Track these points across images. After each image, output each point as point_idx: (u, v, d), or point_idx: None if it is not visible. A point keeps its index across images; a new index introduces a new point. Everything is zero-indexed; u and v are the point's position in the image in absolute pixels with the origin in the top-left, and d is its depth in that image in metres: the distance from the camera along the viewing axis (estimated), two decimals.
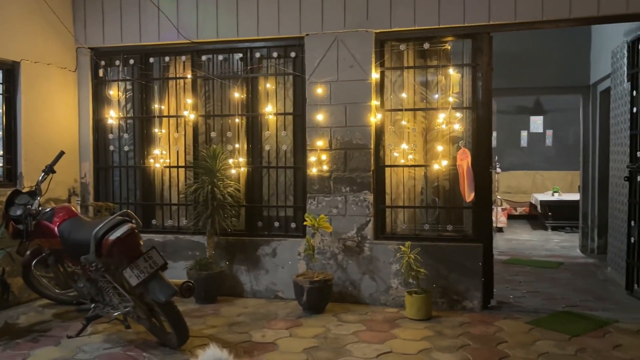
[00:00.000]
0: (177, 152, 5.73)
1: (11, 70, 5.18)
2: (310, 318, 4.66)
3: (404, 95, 5.22)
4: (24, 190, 4.61)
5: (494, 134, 10.24)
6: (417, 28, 4.97)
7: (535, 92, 10.23)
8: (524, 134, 12.74)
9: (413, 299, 4.63)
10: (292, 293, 4.97)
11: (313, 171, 5.21)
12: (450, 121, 5.11)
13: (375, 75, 5.09)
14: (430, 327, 4.41)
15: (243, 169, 5.53)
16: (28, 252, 4.54)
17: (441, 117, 5.13)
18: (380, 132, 5.17)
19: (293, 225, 5.43)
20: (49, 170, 4.54)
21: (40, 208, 4.36)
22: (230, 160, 5.45)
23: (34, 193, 4.47)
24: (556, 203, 10.57)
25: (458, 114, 5.13)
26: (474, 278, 4.88)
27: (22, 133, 5.22)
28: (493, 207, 5.17)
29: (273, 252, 5.35)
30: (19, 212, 4.34)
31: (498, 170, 11.31)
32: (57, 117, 5.62)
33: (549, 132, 12.59)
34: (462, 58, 5.11)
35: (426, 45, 5.05)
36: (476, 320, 4.58)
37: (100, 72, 5.87)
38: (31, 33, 5.29)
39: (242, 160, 5.53)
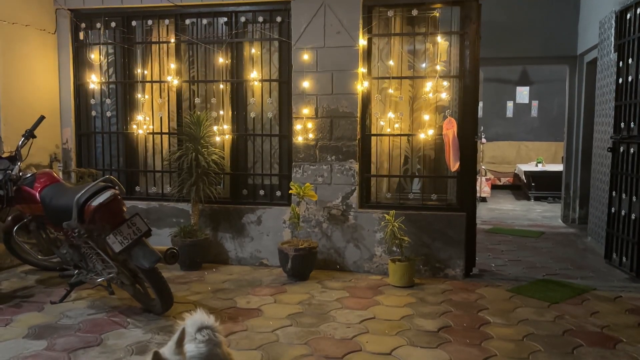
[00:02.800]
0: (161, 118, 5.65)
1: None
2: (295, 285, 4.70)
3: (391, 63, 5.17)
4: (4, 156, 4.51)
5: (480, 104, 10.25)
6: None
7: (522, 62, 10.20)
8: (509, 104, 12.77)
9: (396, 267, 4.68)
10: (277, 260, 5.00)
11: (299, 139, 5.17)
12: (437, 90, 5.08)
13: (362, 42, 5.02)
14: (413, 294, 4.47)
15: (228, 136, 5.47)
16: (9, 218, 4.48)
17: (428, 85, 5.10)
18: (366, 101, 5.14)
19: (278, 193, 5.42)
20: (29, 135, 4.45)
21: (20, 173, 4.28)
22: (215, 127, 5.39)
23: (14, 158, 4.38)
24: (540, 174, 10.68)
25: (445, 83, 5.11)
26: (456, 247, 4.94)
27: (1, 97, 5.09)
28: (477, 177, 5.20)
29: (258, 220, 5.35)
30: None
31: (483, 140, 11.39)
32: (37, 80, 5.48)
33: (535, 103, 12.63)
34: (451, 26, 5.05)
35: (414, 12, 4.98)
36: (458, 288, 4.65)
37: (81, 35, 5.72)
38: None
39: (226, 127, 5.46)
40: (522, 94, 12.66)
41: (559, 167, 9.50)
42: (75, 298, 4.23)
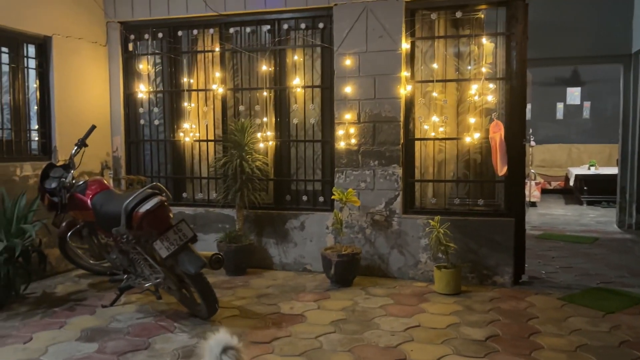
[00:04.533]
0: (206, 125, 5.75)
1: (43, 45, 5.25)
2: (338, 291, 4.68)
3: (435, 66, 5.09)
4: (58, 164, 4.70)
5: (529, 106, 9.97)
6: None
7: (573, 62, 9.85)
8: (559, 105, 12.36)
9: (442, 274, 4.59)
10: (320, 266, 4.99)
11: (341, 145, 5.16)
12: (483, 92, 4.97)
13: (405, 45, 4.97)
14: (460, 301, 4.37)
15: (271, 143, 5.52)
16: (63, 224, 4.65)
17: (474, 88, 4.99)
18: (410, 105, 5.07)
19: (321, 199, 5.42)
20: (82, 144, 4.62)
21: (73, 181, 4.45)
22: (259, 134, 5.45)
23: (67, 166, 4.56)
24: (592, 177, 10.28)
25: (491, 85, 4.98)
26: (505, 253, 4.80)
27: (56, 107, 5.31)
28: (526, 181, 5.04)
29: (301, 226, 5.36)
30: (53, 185, 4.45)
31: (532, 143, 11.07)
32: (89, 91, 5.69)
33: (587, 104, 12.18)
34: (496, 27, 4.93)
35: (458, 14, 4.89)
36: (506, 296, 4.52)
37: (130, 46, 5.90)
38: (62, 8, 5.33)
39: (270, 133, 5.51)
40: (574, 95, 12.24)
41: (613, 170, 9.11)
42: (124, 302, 4.35)
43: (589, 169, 10.69)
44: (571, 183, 10.88)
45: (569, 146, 12.21)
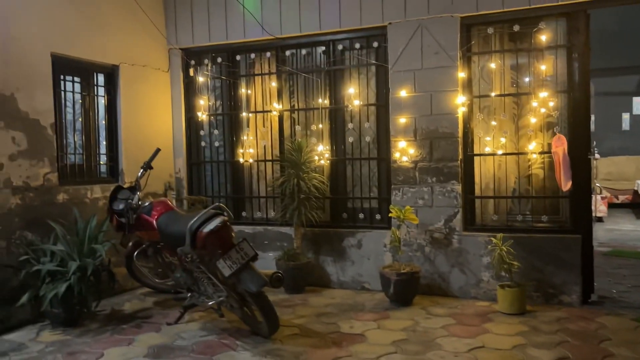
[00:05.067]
0: (264, 146, 5.88)
1: (111, 74, 5.54)
2: (398, 310, 4.63)
3: (493, 80, 5.01)
4: (125, 186, 4.92)
5: (592, 117, 9.64)
6: (505, 10, 4.74)
7: (639, 71, 9.44)
8: (625, 116, 11.83)
9: (505, 293, 4.46)
10: (379, 285, 4.95)
11: (397, 162, 5.14)
12: (544, 106, 4.84)
13: (461, 61, 4.92)
14: (525, 321, 4.22)
15: (327, 162, 5.57)
16: (130, 244, 4.85)
17: (534, 102, 4.87)
18: (467, 120, 5.01)
19: (378, 216, 5.40)
20: (147, 166, 4.81)
21: (140, 202, 4.63)
22: (315, 153, 5.51)
23: (134, 188, 4.76)
24: None
25: (552, 98, 4.84)
26: (571, 271, 4.62)
27: (122, 132, 5.57)
28: (592, 195, 4.85)
29: (358, 244, 5.35)
30: (121, 206, 4.65)
31: (597, 156, 10.61)
32: (153, 115, 5.94)
33: None
34: (556, 39, 4.81)
35: (516, 28, 4.81)
36: (575, 316, 4.33)
37: (191, 72, 6.13)
38: (128, 38, 5.61)
39: (326, 152, 5.56)
40: None
41: None
42: (188, 320, 4.46)
43: None
44: None
45: (637, 158, 11.62)
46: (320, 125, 5.62)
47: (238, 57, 5.92)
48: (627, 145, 11.79)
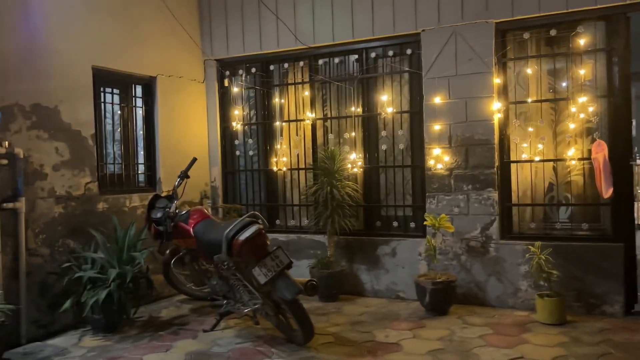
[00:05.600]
0: (298, 154, 5.92)
1: (149, 85, 5.68)
2: (434, 320, 4.57)
3: (529, 86, 4.93)
4: (163, 195, 5.01)
5: (634, 122, 9.35)
6: (542, 14, 4.67)
7: None
8: None
9: (545, 302, 4.36)
10: (414, 293, 4.91)
11: (432, 169, 5.10)
12: (583, 111, 4.73)
13: (496, 67, 4.86)
14: (565, 332, 4.12)
15: (360, 169, 5.56)
16: (167, 252, 4.94)
17: (572, 107, 4.77)
18: (504, 126, 4.94)
19: (412, 225, 5.36)
20: (184, 175, 4.90)
21: (177, 211, 4.71)
22: (348, 161, 5.51)
23: (171, 197, 4.85)
24: None
25: (591, 104, 4.73)
26: (614, 280, 4.48)
27: (160, 142, 5.70)
28: (634, 202, 4.70)
29: (392, 252, 5.32)
30: (159, 215, 4.74)
31: (639, 162, 10.28)
32: (189, 125, 6.06)
33: None
34: (595, 42, 4.71)
35: (553, 32, 4.73)
36: (618, 327, 4.20)
37: (226, 82, 6.24)
38: (164, 50, 5.75)
39: (359, 160, 5.56)
40: None
41: None
42: (224, 327, 4.51)
43: None
44: None
45: None
46: (353, 133, 5.63)
47: (272, 67, 5.99)
48: None
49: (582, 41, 4.68)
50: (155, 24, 5.65)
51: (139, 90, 5.66)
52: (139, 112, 5.68)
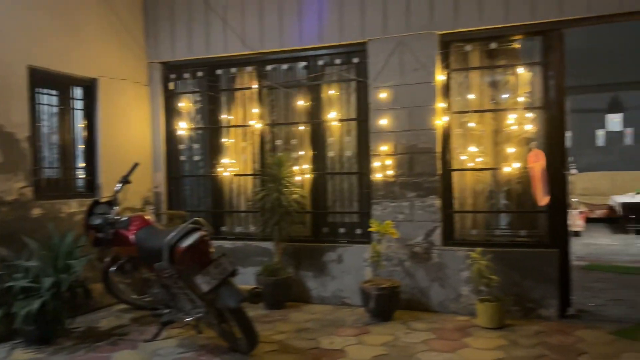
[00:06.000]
0: (245, 160, 5.86)
1: (90, 87, 5.49)
2: (378, 325, 4.61)
3: (471, 96, 5.08)
4: (103, 200, 4.84)
5: (568, 133, 9.81)
6: (483, 28, 4.84)
7: (614, 89, 9.72)
8: (600, 132, 12.11)
9: (485, 307, 4.48)
10: (359, 300, 4.94)
11: (378, 176, 5.16)
12: (521, 122, 4.92)
13: (440, 77, 4.99)
14: (504, 336, 4.24)
15: (308, 176, 5.57)
16: (107, 259, 4.75)
17: (511, 118, 4.94)
18: (446, 135, 5.06)
19: (358, 231, 5.40)
20: (125, 180, 4.76)
21: (117, 217, 4.56)
22: (296, 168, 5.51)
23: (111, 203, 4.69)
24: (639, 205, 9.92)
25: (529, 115, 4.93)
26: (549, 285, 4.66)
27: (101, 146, 5.51)
28: (569, 210, 4.92)
29: (339, 258, 5.34)
30: (98, 221, 4.57)
31: (573, 171, 10.79)
32: (132, 129, 5.89)
33: (629, 130, 11.89)
34: (532, 56, 4.91)
35: (493, 45, 4.90)
36: (553, 330, 4.36)
37: (171, 85, 6.11)
38: (107, 51, 5.58)
39: (306, 167, 5.56)
40: (614, 121, 11.98)
41: None
42: (166, 336, 4.39)
43: (635, 196, 10.34)
44: (617, 211, 10.53)
45: (612, 174, 11.86)
46: (301, 140, 5.63)
47: (219, 72, 5.92)
48: (602, 161, 12.04)
49: (520, 55, 4.86)
50: (98, 25, 5.48)
51: (79, 92, 5.45)
52: (79, 115, 5.47)
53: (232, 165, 5.91)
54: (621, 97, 11.80)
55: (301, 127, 5.62)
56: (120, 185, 4.74)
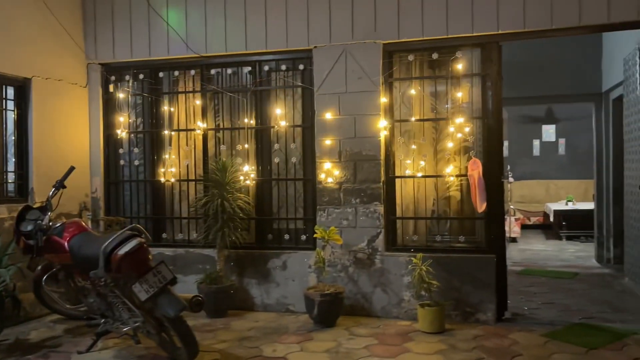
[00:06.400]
0: (187, 165, 5.74)
1: (23, 87, 5.24)
2: (322, 332, 4.61)
3: (413, 105, 5.19)
4: (35, 206, 4.62)
5: (506, 143, 10.20)
6: (425, 38, 4.96)
7: (547, 101, 10.16)
8: (536, 142, 12.64)
9: (425, 312, 4.56)
10: (303, 306, 4.93)
11: (322, 183, 5.18)
12: (461, 131, 5.06)
13: (383, 86, 5.07)
14: (444, 340, 4.33)
15: (253, 182, 5.52)
16: (39, 268, 4.55)
17: (451, 127, 5.09)
18: (389, 143, 5.14)
19: (303, 237, 5.40)
20: (60, 185, 4.56)
21: (50, 223, 4.36)
22: (240, 174, 5.45)
23: (44, 208, 4.48)
24: (570, 212, 10.44)
25: (468, 124, 5.08)
26: (487, 290, 4.80)
27: (34, 149, 5.26)
28: (506, 217, 5.11)
29: (283, 265, 5.31)
30: (29, 228, 4.35)
31: (510, 179, 11.22)
32: (69, 132, 5.66)
33: (562, 141, 12.48)
34: (472, 68, 5.07)
35: (435, 56, 5.03)
36: (490, 333, 4.50)
37: (111, 88, 5.92)
38: (42, 50, 5.35)
39: (251, 172, 5.52)
40: (549, 132, 12.55)
41: (590, 205, 9.26)
42: (101, 347, 4.23)
43: (566, 204, 10.86)
44: (550, 218, 11.02)
45: (546, 182, 12.42)
46: (246, 145, 5.58)
47: (161, 74, 5.78)
48: (538, 170, 12.58)
49: (460, 66, 5.02)
50: (32, 23, 5.24)
51: (10, 92, 5.19)
52: (10, 116, 5.21)
53: (174, 171, 5.78)
54: (554, 109, 12.38)
55: (246, 133, 5.56)
56: (55, 190, 4.54)
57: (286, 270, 5.30)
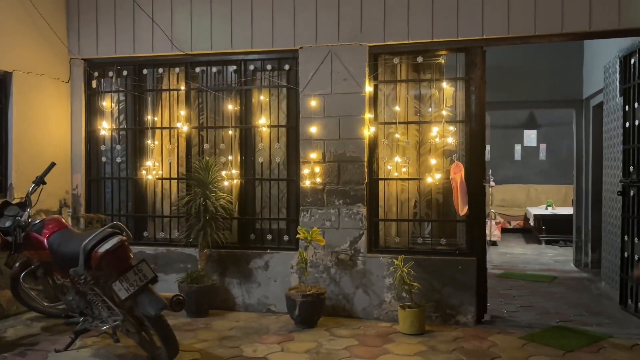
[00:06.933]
0: (170, 163, 5.70)
1: (2, 81, 5.16)
2: (303, 332, 4.61)
3: (397, 108, 5.22)
4: (14, 202, 4.54)
5: (488, 147, 10.30)
6: (410, 42, 4.99)
7: (529, 106, 10.30)
8: (517, 147, 12.80)
9: (406, 314, 4.59)
10: (285, 307, 4.92)
11: (306, 184, 5.19)
12: (444, 134, 5.11)
13: (368, 88, 5.09)
14: (424, 342, 4.36)
15: (236, 181, 5.50)
16: (17, 264, 4.47)
17: (434, 130, 5.13)
18: (373, 145, 5.17)
19: (286, 238, 5.39)
20: (40, 181, 4.49)
21: (29, 219, 4.29)
22: (223, 172, 5.43)
23: (23, 204, 4.40)
24: (550, 217, 10.58)
25: (451, 128, 5.13)
26: (467, 292, 4.85)
27: (14, 144, 5.18)
28: (487, 220, 5.16)
29: (265, 265, 5.31)
30: (7, 224, 4.27)
31: (492, 183, 11.35)
32: (50, 128, 5.58)
33: (543, 146, 12.65)
34: (456, 72, 5.12)
35: (419, 59, 5.07)
36: (470, 335, 4.54)
37: (94, 83, 5.86)
38: (24, 44, 5.27)
39: (235, 172, 5.50)
40: (530, 137, 12.71)
41: (569, 210, 9.39)
42: (80, 346, 4.18)
43: (546, 208, 11.01)
44: (530, 222, 11.16)
45: (527, 186, 12.58)
46: (230, 145, 5.56)
47: (145, 71, 5.74)
48: (519, 174, 12.73)
49: (444, 70, 5.06)
50: (13, 15, 5.16)
51: None
52: None
53: (157, 169, 5.73)
54: (536, 114, 12.55)
55: (230, 132, 5.55)
56: (35, 186, 4.47)
57: (268, 270, 5.29)
